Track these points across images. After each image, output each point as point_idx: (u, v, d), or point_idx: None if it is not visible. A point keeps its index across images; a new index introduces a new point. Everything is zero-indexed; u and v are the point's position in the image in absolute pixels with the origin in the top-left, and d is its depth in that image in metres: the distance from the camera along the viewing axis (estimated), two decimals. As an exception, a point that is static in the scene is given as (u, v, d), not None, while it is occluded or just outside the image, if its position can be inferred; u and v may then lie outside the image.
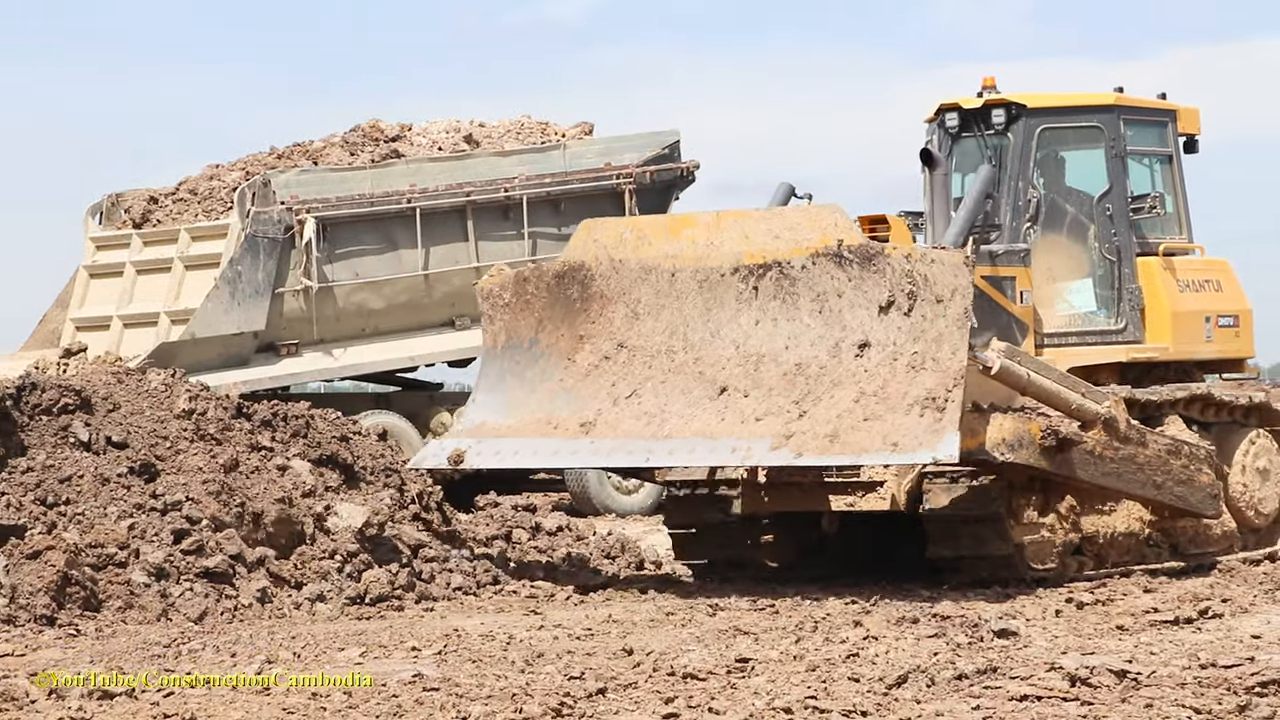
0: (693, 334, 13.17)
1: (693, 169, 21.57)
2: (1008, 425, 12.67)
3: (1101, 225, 14.56)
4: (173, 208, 20.82)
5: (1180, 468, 13.53)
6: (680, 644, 10.46)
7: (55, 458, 12.70)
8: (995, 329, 13.88)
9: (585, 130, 21.82)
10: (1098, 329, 14.59)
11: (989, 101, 14.60)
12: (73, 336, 19.96)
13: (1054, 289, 14.48)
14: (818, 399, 12.59)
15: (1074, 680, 8.87)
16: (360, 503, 13.43)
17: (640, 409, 13.13)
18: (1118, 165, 14.56)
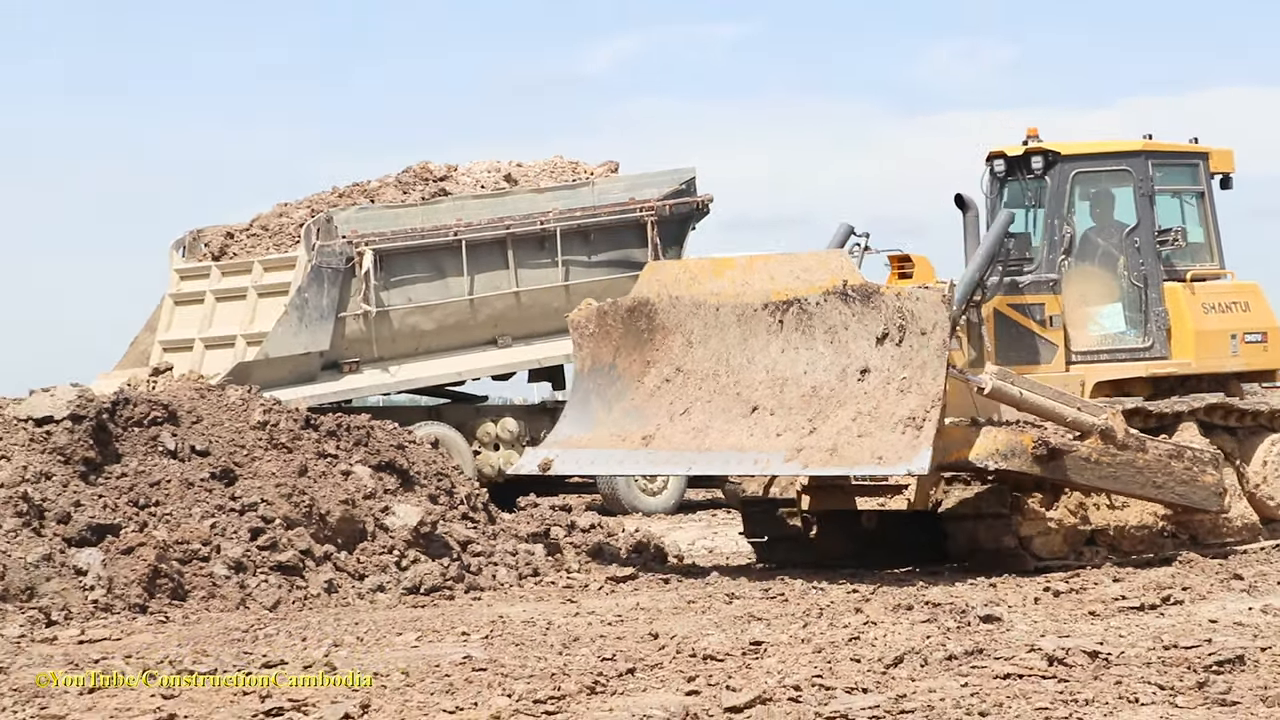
0: (733, 360, 13.58)
1: (707, 202, 21.54)
2: (1000, 437, 12.93)
3: (1130, 256, 14.68)
4: (247, 242, 20.83)
5: (1183, 470, 13.60)
6: (700, 629, 10.46)
7: (146, 464, 12.70)
8: (1022, 350, 14.27)
9: (611, 168, 21.80)
10: (1127, 347, 14.69)
11: (1029, 149, 14.78)
12: (160, 357, 19.95)
13: (1087, 312, 14.64)
14: (826, 417, 12.91)
15: (1051, 660, 8.87)
16: (415, 504, 13.42)
17: (690, 424, 13.58)
18: (1145, 203, 14.65)
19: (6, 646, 10.10)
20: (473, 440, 20.58)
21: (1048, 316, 14.43)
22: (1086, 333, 14.60)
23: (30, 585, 11.23)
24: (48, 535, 11.67)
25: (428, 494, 13.80)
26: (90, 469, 12.44)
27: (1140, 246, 14.62)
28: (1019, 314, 14.38)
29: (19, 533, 11.55)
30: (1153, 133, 15.07)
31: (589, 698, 8.31)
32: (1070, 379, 14.38)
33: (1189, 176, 15.08)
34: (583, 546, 14.47)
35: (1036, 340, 14.42)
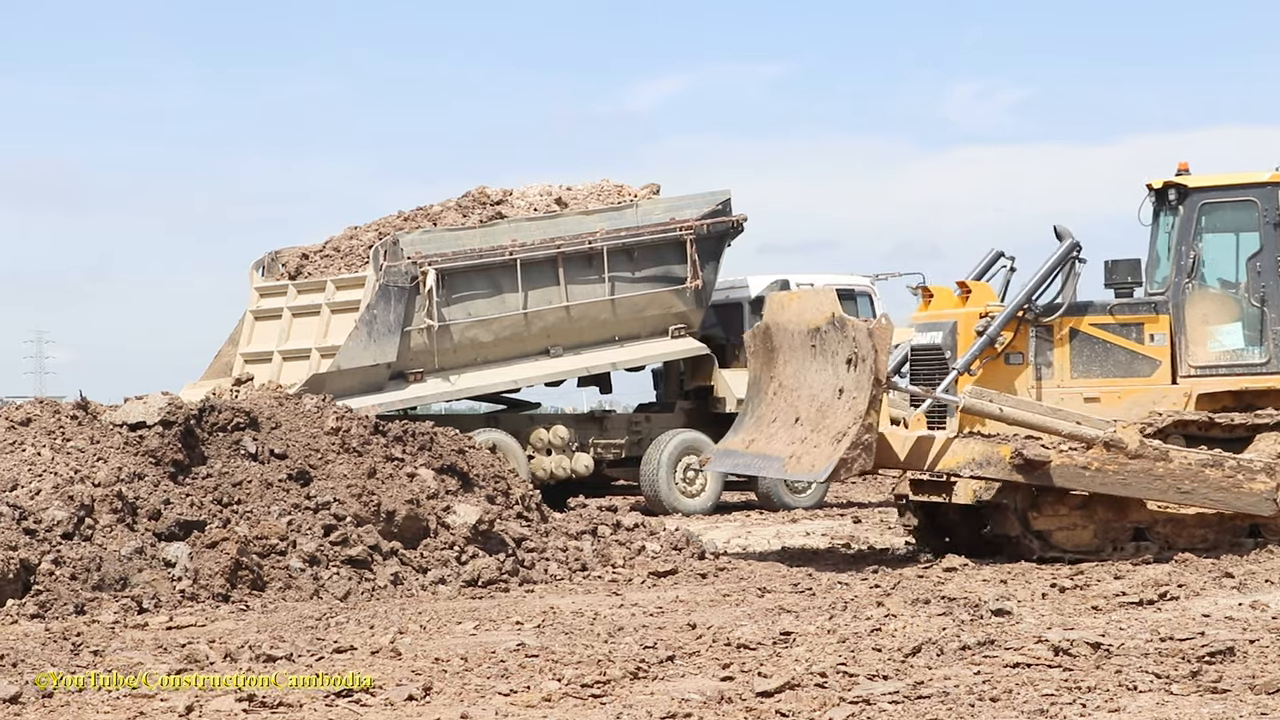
0: (799, 376, 14.33)
1: (741, 221, 21.47)
2: (977, 448, 13.62)
3: (1251, 279, 14.70)
4: (320, 262, 20.86)
5: (1222, 478, 13.72)
6: (735, 620, 10.45)
7: (229, 466, 12.75)
8: (1110, 365, 14.60)
9: (653, 190, 21.74)
10: (1245, 363, 14.70)
11: (1166, 183, 14.98)
12: (242, 368, 19.99)
13: (1207, 330, 14.69)
14: (815, 428, 13.69)
15: (1057, 651, 8.86)
16: (474, 504, 13.45)
17: (770, 431, 14.45)
18: (1270, 231, 14.64)
19: (102, 632, 10.17)
20: (527, 445, 20.61)
21: (1148, 334, 14.63)
22: (1207, 349, 14.69)
23: (124, 576, 11.32)
24: (140, 530, 11.75)
25: (486, 495, 13.83)
26: (179, 470, 12.51)
27: (1261, 270, 14.66)
28: (1108, 333, 14.61)
29: (114, 528, 11.64)
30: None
31: (632, 682, 8.32)
32: (1173, 391, 14.51)
33: None
34: (627, 544, 14.50)
35: (1133, 357, 14.60)
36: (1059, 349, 14.54)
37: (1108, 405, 14.47)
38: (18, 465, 12.04)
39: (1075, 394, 14.51)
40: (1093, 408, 14.45)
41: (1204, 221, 14.79)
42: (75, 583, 11.07)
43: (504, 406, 22.14)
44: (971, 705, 7.62)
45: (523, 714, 7.61)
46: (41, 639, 9.80)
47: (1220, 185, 14.87)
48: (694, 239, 20.95)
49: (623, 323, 20.93)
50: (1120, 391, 14.53)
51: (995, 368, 14.47)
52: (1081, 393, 14.53)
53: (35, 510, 11.49)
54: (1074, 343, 14.57)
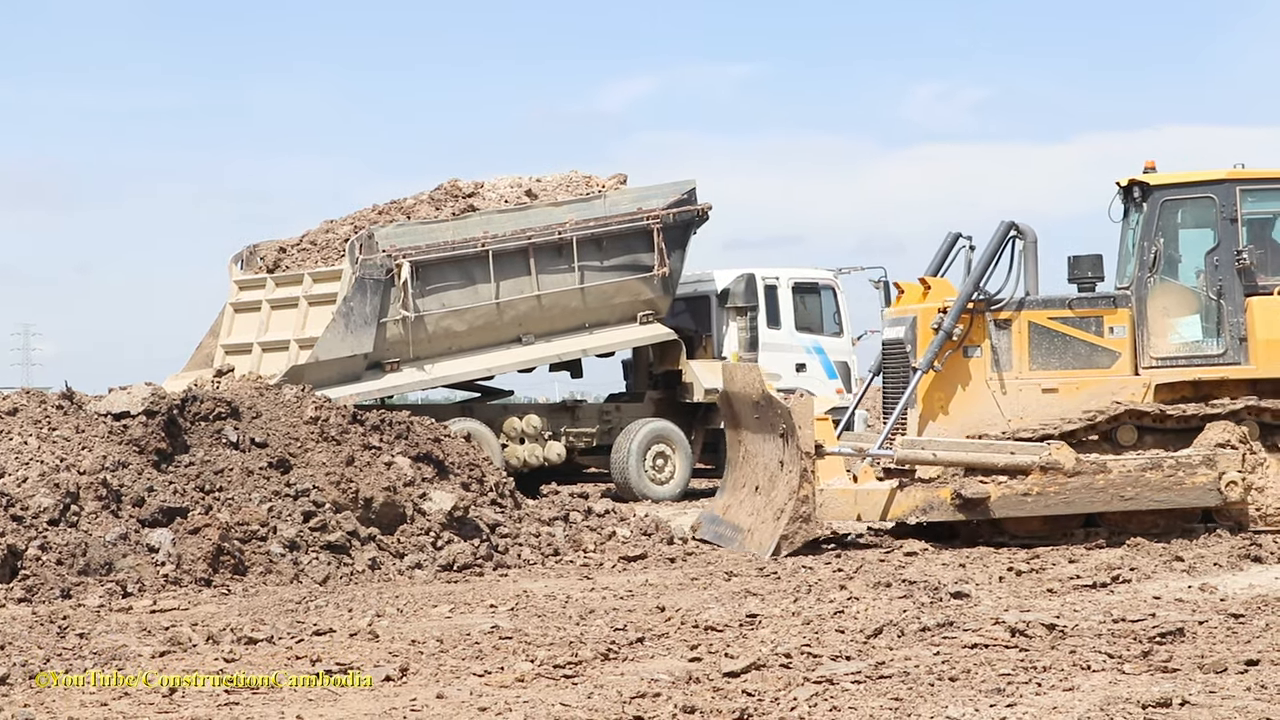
0: (756, 444, 14.66)
1: (706, 210, 21.42)
2: (918, 495, 13.89)
3: (1209, 273, 14.75)
4: (297, 255, 20.74)
5: (1162, 479, 13.86)
6: (702, 603, 10.49)
7: (211, 454, 12.74)
8: (1069, 357, 14.65)
9: (620, 181, 21.67)
10: (1203, 354, 14.76)
11: (1131, 180, 15.08)
12: (222, 359, 19.87)
13: (1168, 323, 14.76)
14: (768, 500, 14.05)
15: (1014, 632, 8.92)
16: (449, 491, 13.47)
17: (739, 498, 14.76)
18: (1227, 226, 14.69)
19: (88, 615, 10.18)
20: (501, 434, 20.61)
21: (1107, 327, 14.69)
22: (1167, 341, 14.77)
23: (109, 561, 11.32)
24: (124, 517, 11.76)
25: (461, 482, 13.84)
26: (162, 458, 12.50)
27: (1219, 264, 14.72)
28: (1068, 326, 14.67)
29: (99, 514, 11.65)
30: (1245, 162, 15.05)
31: (603, 663, 8.37)
32: (1132, 382, 14.57)
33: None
34: (598, 529, 14.53)
35: (1092, 349, 14.67)
36: (1017, 341, 14.61)
37: (1066, 396, 14.56)
38: (5, 454, 12.02)
39: (1034, 385, 14.59)
40: (1051, 399, 14.54)
41: (1165, 217, 14.88)
42: (61, 568, 11.06)
43: (478, 395, 22.12)
44: (931, 685, 7.67)
45: (497, 694, 7.63)
46: (29, 622, 9.80)
47: (1180, 183, 14.94)
48: (660, 228, 20.94)
49: (592, 310, 20.93)
50: (1079, 383, 14.61)
51: (956, 361, 14.56)
52: (1040, 384, 14.61)
53: (22, 497, 11.48)
54: (1032, 335, 14.65)
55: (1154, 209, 14.82)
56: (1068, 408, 14.41)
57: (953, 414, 14.32)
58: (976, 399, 14.51)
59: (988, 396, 14.50)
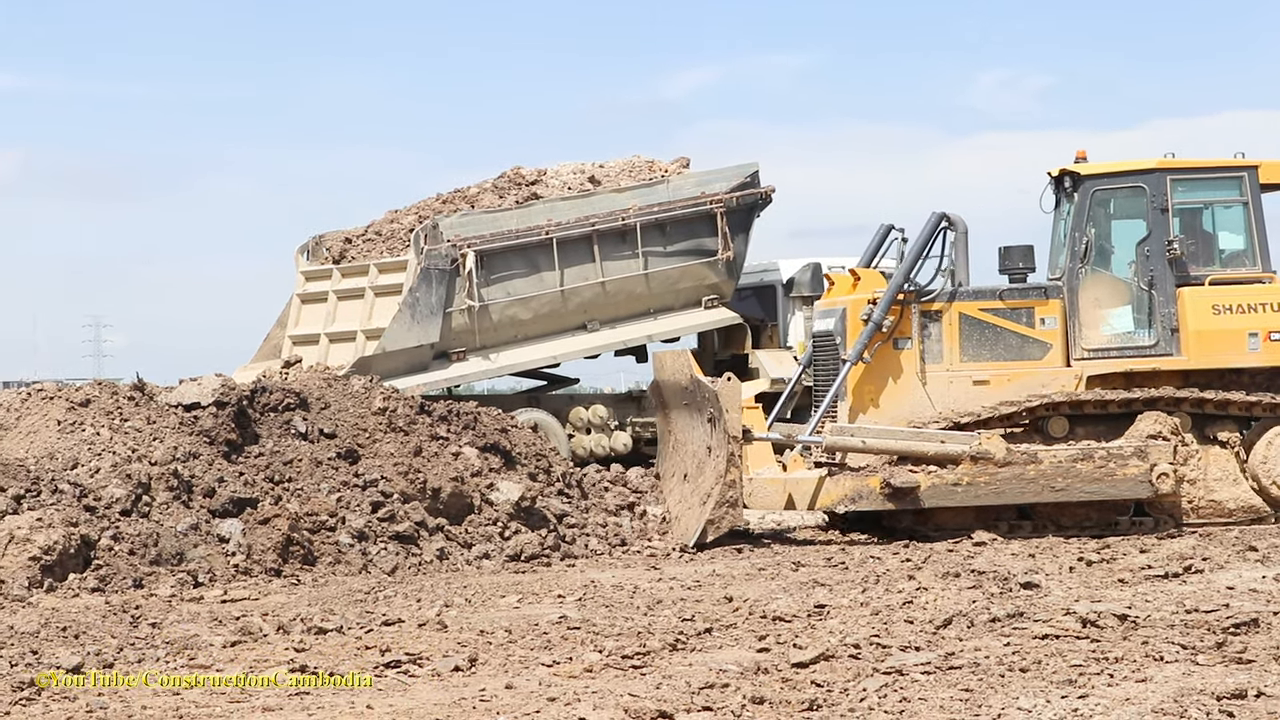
0: (685, 432, 14.62)
1: (770, 193, 21.34)
2: (847, 484, 13.87)
3: (1140, 263, 14.64)
4: (363, 246, 20.85)
5: (1093, 469, 13.79)
6: (770, 593, 10.48)
7: (280, 445, 12.84)
8: (1000, 349, 14.50)
9: (683, 165, 21.63)
10: (1134, 345, 14.65)
11: (1062, 170, 14.96)
12: (290, 350, 20.01)
13: (1100, 314, 14.64)
14: (695, 487, 14.00)
15: (1085, 622, 8.86)
16: (516, 481, 13.56)
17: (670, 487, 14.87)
18: (1157, 216, 14.58)
19: (159, 605, 10.29)
20: (567, 424, 20.68)
21: (1039, 319, 14.54)
22: (1099, 332, 14.63)
23: (180, 551, 11.44)
24: (195, 507, 11.87)
25: (528, 472, 13.90)
26: (232, 449, 12.62)
27: (1149, 254, 14.58)
28: (998, 317, 14.53)
29: (170, 505, 11.76)
30: (1175, 151, 14.94)
31: (671, 654, 8.37)
32: (1064, 373, 14.45)
33: (1232, 189, 14.88)
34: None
35: (1024, 340, 14.54)
36: (948, 333, 14.49)
37: (997, 388, 14.42)
38: (78, 445, 12.15)
39: (964, 377, 14.46)
40: (982, 390, 14.42)
41: (1096, 208, 14.75)
42: (134, 558, 11.18)
43: (544, 383, 22.18)
44: (1001, 676, 7.63)
45: (565, 684, 7.65)
46: (102, 612, 9.92)
47: (1111, 172, 14.80)
48: (724, 211, 20.88)
49: (657, 296, 20.93)
50: (1010, 374, 14.47)
51: (886, 352, 14.45)
52: (971, 376, 14.47)
53: (95, 488, 11.61)
54: (963, 326, 14.52)
55: (1085, 199, 14.68)
56: (999, 400, 14.29)
57: (883, 406, 14.30)
58: (907, 391, 14.41)
59: (918, 388, 14.40)
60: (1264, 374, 14.66)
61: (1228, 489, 14.41)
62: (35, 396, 13.01)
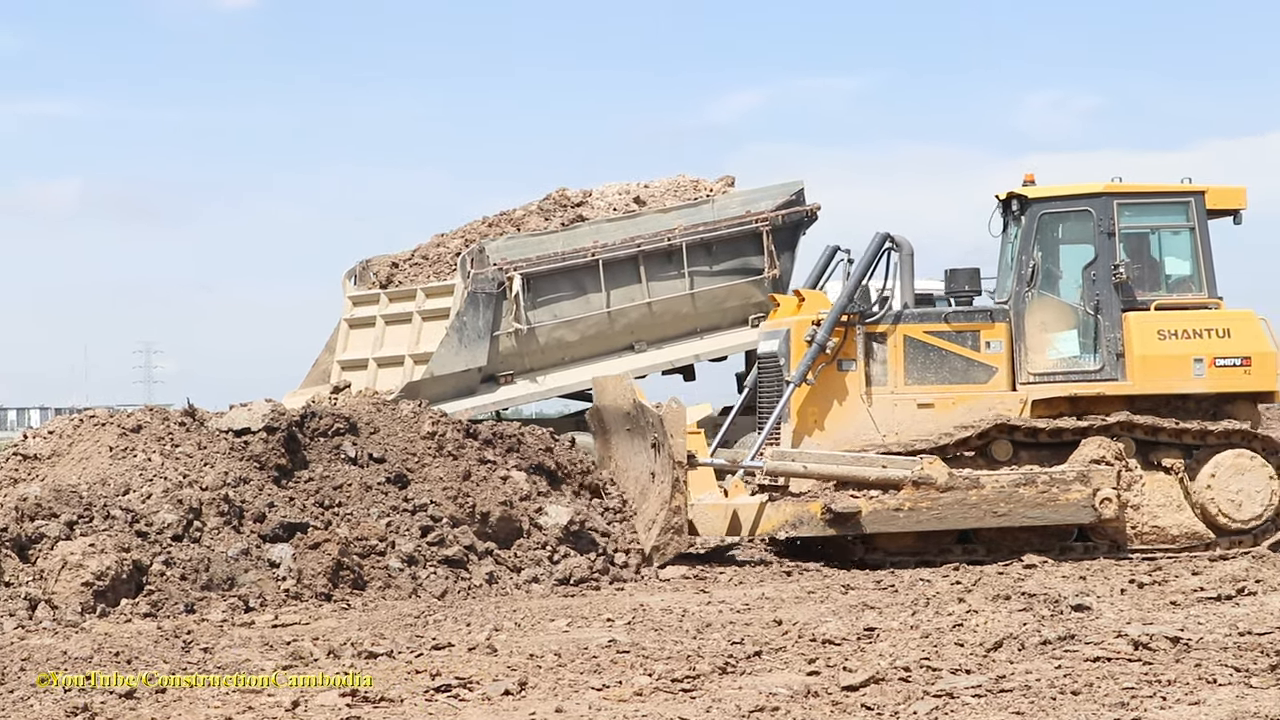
0: (627, 459, 14.59)
1: (815, 210, 21.29)
2: (788, 509, 13.85)
3: (1086, 287, 14.58)
4: (409, 270, 20.93)
5: (1036, 494, 13.79)
6: (820, 616, 10.48)
7: (330, 470, 12.87)
8: (945, 372, 14.50)
9: (728, 182, 21.62)
10: (1079, 370, 14.58)
11: (1010, 193, 14.94)
12: (339, 375, 20.07)
13: (1046, 338, 14.59)
14: (639, 513, 13.95)
15: (1137, 645, 8.85)
16: (565, 504, 13.57)
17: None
18: (1104, 240, 14.51)
19: (211, 630, 10.35)
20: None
21: (984, 342, 14.53)
22: (1045, 356, 14.59)
23: (231, 576, 11.50)
24: (246, 532, 11.92)
25: (572, 491, 13.90)
26: (282, 474, 12.67)
27: (1096, 278, 14.52)
28: (944, 340, 14.53)
29: (221, 530, 11.83)
30: (1123, 175, 14.87)
31: (721, 677, 8.39)
32: (1009, 397, 14.40)
33: (1178, 214, 14.79)
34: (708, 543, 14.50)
35: (969, 364, 14.51)
36: (893, 355, 14.46)
37: (941, 411, 14.38)
38: (129, 470, 12.24)
39: (909, 400, 14.43)
40: (926, 414, 14.38)
41: (1043, 231, 14.70)
42: (185, 583, 11.25)
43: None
44: (1053, 699, 7.63)
45: (615, 708, 7.68)
46: (154, 637, 9.99)
47: (1058, 195, 14.75)
48: (770, 230, 20.87)
49: (703, 315, 20.94)
50: (954, 398, 14.44)
51: (830, 374, 14.43)
52: (915, 399, 14.45)
53: (147, 513, 11.69)
54: (908, 349, 14.48)
55: (1032, 222, 14.63)
56: (943, 423, 14.25)
57: (827, 428, 14.29)
58: (851, 413, 14.40)
59: (862, 411, 14.39)
60: (1209, 400, 14.57)
61: (1171, 515, 14.33)
62: (87, 423, 13.10)
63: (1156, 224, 14.89)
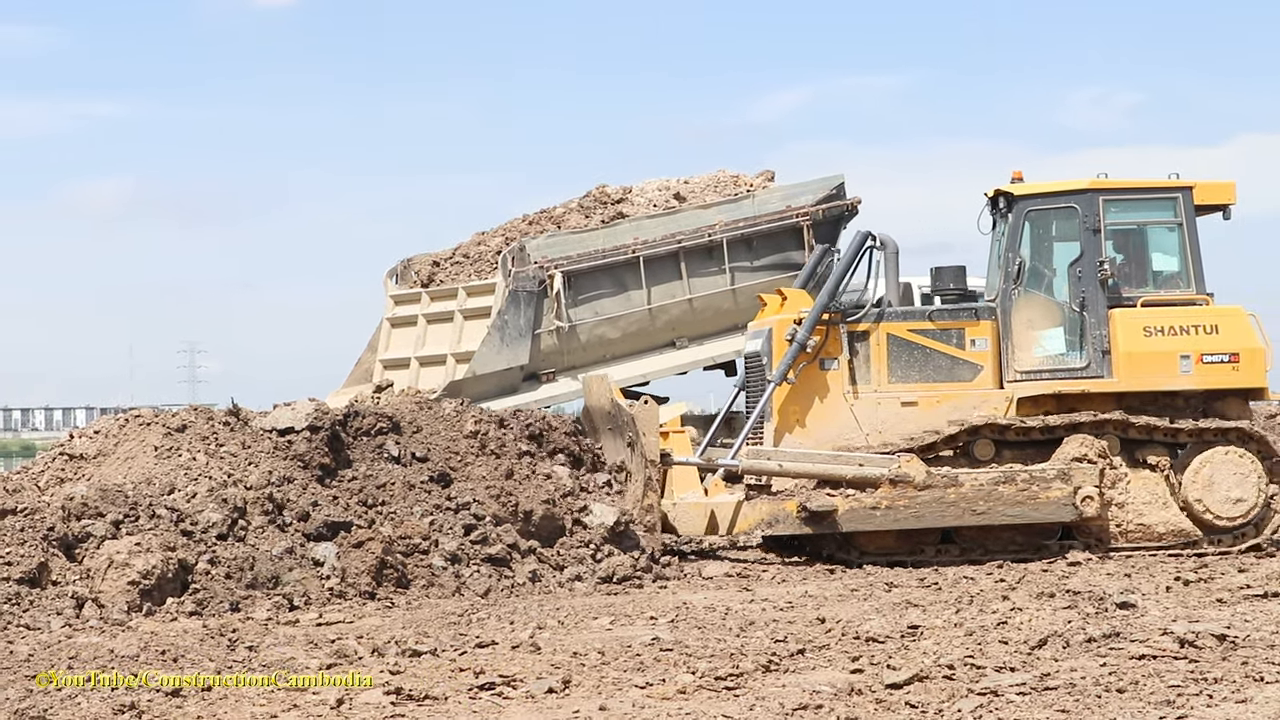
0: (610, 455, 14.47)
1: (856, 204, 21.17)
2: (763, 508, 13.83)
3: (1072, 284, 14.51)
4: (450, 269, 20.95)
5: (1016, 493, 13.73)
6: (863, 614, 10.49)
7: (373, 469, 12.95)
8: (930, 370, 14.48)
9: (768, 177, 21.56)
10: (1066, 367, 14.51)
11: (997, 191, 14.89)
12: (381, 374, 20.14)
13: (1032, 335, 14.54)
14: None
15: (1183, 643, 8.81)
16: (610, 503, 13.59)
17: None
18: (1090, 237, 14.45)
19: (256, 628, 10.43)
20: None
21: (970, 340, 14.46)
22: (1032, 354, 14.53)
23: (275, 575, 11.59)
24: (290, 531, 12.01)
25: (616, 490, 13.93)
26: (326, 473, 12.75)
27: (1082, 275, 14.44)
28: (928, 338, 14.48)
29: (265, 529, 11.92)
30: (1108, 172, 14.78)
31: (764, 675, 8.40)
32: (995, 395, 14.35)
33: (1166, 209, 14.71)
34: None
35: (954, 362, 14.46)
36: (876, 353, 14.40)
37: (926, 410, 14.32)
38: (174, 470, 12.34)
39: (892, 398, 14.38)
40: (910, 412, 14.32)
41: (1029, 228, 14.62)
42: (230, 581, 11.34)
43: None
44: (1098, 696, 7.60)
45: (659, 706, 7.69)
46: (199, 635, 10.07)
47: (1044, 192, 14.67)
48: (810, 224, 20.81)
49: (744, 311, 20.88)
50: (939, 396, 14.37)
51: (812, 373, 14.38)
52: (899, 397, 14.39)
53: (192, 512, 11.79)
54: (891, 347, 14.42)
55: (1018, 219, 14.56)
56: (928, 422, 14.17)
57: (809, 427, 14.25)
58: (834, 412, 14.35)
59: (845, 410, 14.34)
60: (1196, 397, 14.47)
61: (1157, 513, 14.25)
62: (132, 422, 13.20)
63: (1143, 220, 14.80)
